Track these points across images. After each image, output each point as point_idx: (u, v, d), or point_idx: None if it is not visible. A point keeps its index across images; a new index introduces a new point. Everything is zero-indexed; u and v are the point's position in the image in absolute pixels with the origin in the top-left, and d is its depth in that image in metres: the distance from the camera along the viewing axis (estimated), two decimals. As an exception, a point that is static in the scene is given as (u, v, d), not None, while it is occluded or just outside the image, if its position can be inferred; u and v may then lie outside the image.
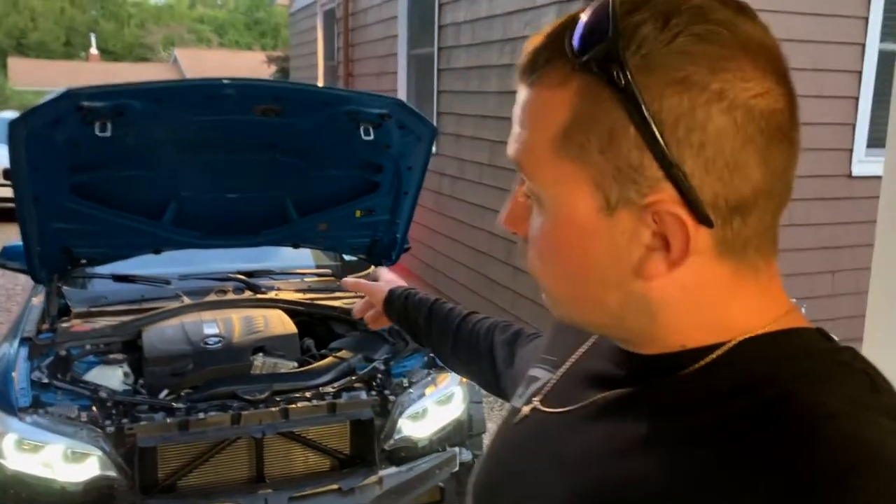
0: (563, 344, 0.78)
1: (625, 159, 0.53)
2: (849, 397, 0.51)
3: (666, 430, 0.57)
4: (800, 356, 0.56)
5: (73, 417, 2.45)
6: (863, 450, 0.47)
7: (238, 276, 3.58)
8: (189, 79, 3.30)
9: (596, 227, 0.56)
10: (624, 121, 0.52)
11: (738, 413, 0.53)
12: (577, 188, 0.55)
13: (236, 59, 31.80)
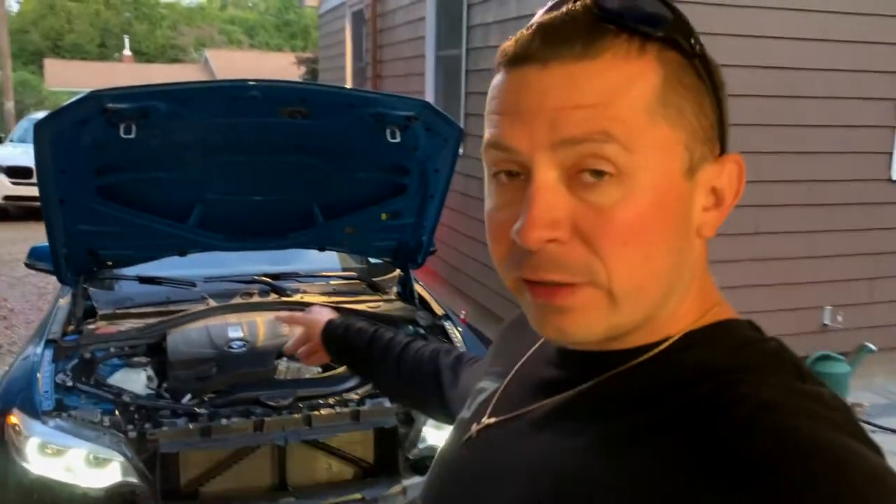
0: (508, 353, 0.79)
1: (707, 120, 0.58)
2: (781, 388, 0.54)
3: (609, 431, 0.58)
4: (733, 349, 0.59)
5: (96, 422, 2.43)
6: (799, 439, 0.49)
7: (263, 278, 3.56)
8: (214, 80, 3.28)
9: (681, 190, 0.58)
10: (702, 84, 0.58)
11: (676, 409, 0.55)
12: (672, 150, 0.57)
13: (266, 60, 32.04)
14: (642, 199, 0.56)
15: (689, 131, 0.57)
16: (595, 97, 0.55)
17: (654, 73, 0.56)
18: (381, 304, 3.53)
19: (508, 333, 0.85)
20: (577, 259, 0.56)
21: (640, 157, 0.56)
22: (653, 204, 0.56)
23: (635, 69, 0.56)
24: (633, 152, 0.55)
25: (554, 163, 0.56)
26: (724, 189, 0.60)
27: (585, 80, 0.56)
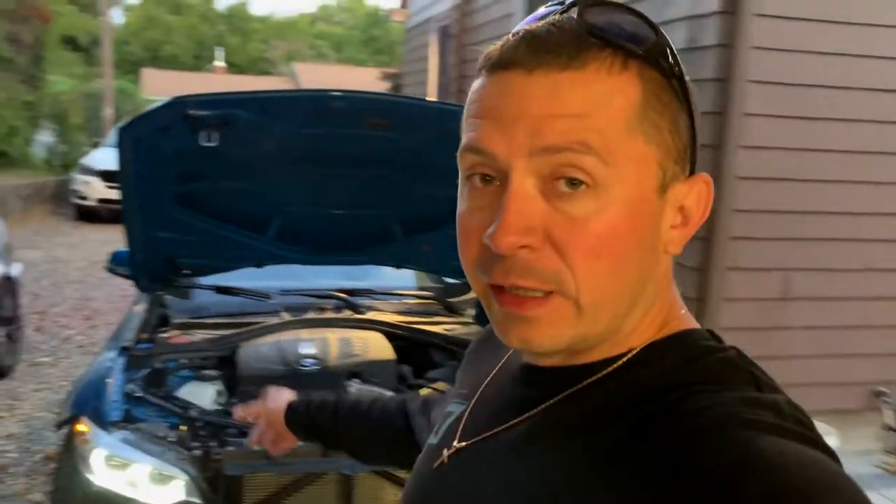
0: (473, 375, 0.79)
1: (682, 141, 0.59)
2: (735, 398, 0.54)
3: (574, 450, 0.58)
4: (689, 361, 0.59)
5: (162, 436, 2.36)
6: (748, 452, 0.49)
7: (338, 293, 3.47)
8: (297, 89, 3.26)
9: (653, 207, 0.58)
10: (679, 106, 0.59)
11: (634, 426, 0.55)
12: (646, 166, 0.58)
13: (352, 74, 32.62)
14: (615, 213, 0.57)
15: (663, 149, 0.58)
16: (577, 107, 0.56)
17: (635, 88, 0.58)
18: (456, 328, 3.38)
19: (473, 355, 0.86)
20: (547, 267, 0.57)
21: (616, 170, 0.56)
22: (625, 218, 0.57)
23: (617, 83, 0.57)
24: (609, 165, 0.56)
25: (531, 170, 0.57)
26: (692, 208, 0.61)
27: (569, 89, 0.56)
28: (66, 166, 13.69)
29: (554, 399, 0.62)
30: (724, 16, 3.67)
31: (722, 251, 3.85)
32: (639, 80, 0.58)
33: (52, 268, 8.57)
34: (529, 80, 0.57)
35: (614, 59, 0.58)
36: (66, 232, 11.15)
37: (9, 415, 4.48)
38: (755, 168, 3.84)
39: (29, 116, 13.69)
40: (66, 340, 5.97)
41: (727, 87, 3.69)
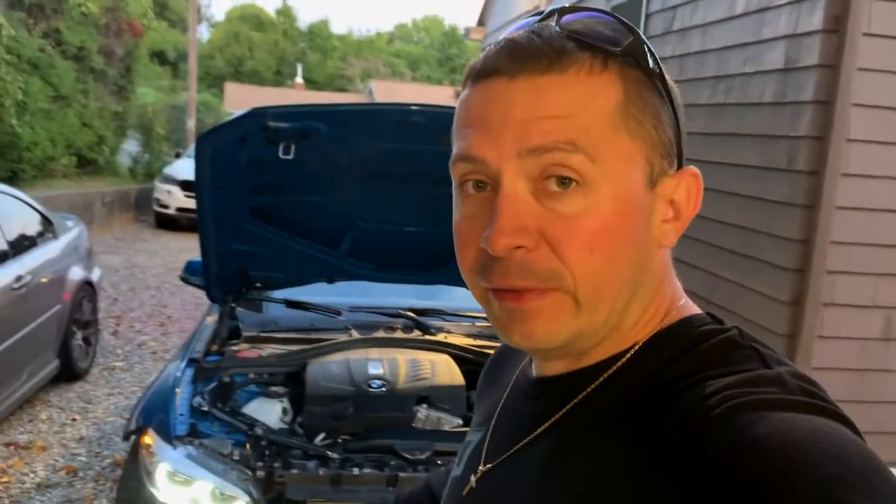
0: (487, 401, 0.80)
1: (666, 135, 0.61)
2: (737, 380, 0.54)
3: (593, 453, 0.59)
4: (689, 348, 0.60)
5: (226, 454, 2.30)
6: (752, 435, 0.49)
7: (408, 312, 3.38)
8: (377, 103, 3.21)
9: (643, 201, 0.60)
10: (661, 101, 0.61)
11: (644, 421, 0.56)
12: (634, 162, 0.59)
13: (427, 92, 32.94)
14: (606, 208, 0.58)
15: (649, 144, 0.60)
16: (561, 108, 0.58)
17: (616, 87, 0.59)
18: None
19: (484, 384, 0.86)
20: (544, 265, 0.58)
21: (604, 167, 0.58)
22: (616, 213, 0.58)
23: (598, 83, 0.59)
24: (597, 163, 0.57)
25: (521, 172, 0.58)
26: (682, 202, 0.62)
27: (552, 92, 0.58)
28: (149, 175, 14.16)
29: (564, 410, 0.63)
30: (827, 35, 3.45)
31: (817, 285, 3.59)
32: (619, 80, 0.59)
33: (130, 273, 8.80)
34: (512, 86, 0.59)
35: (594, 61, 0.59)
36: (146, 238, 11.48)
37: (81, 418, 4.55)
38: (856, 198, 3.58)
39: (117, 126, 14.22)
40: (140, 346, 6.08)
41: (829, 111, 3.46)
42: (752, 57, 4.06)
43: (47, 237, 4.98)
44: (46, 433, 4.30)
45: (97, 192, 11.48)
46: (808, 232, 3.58)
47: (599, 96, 0.58)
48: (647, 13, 5.57)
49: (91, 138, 12.72)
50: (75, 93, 12.11)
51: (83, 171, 12.62)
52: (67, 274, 4.99)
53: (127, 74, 14.71)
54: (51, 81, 11.31)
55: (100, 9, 12.52)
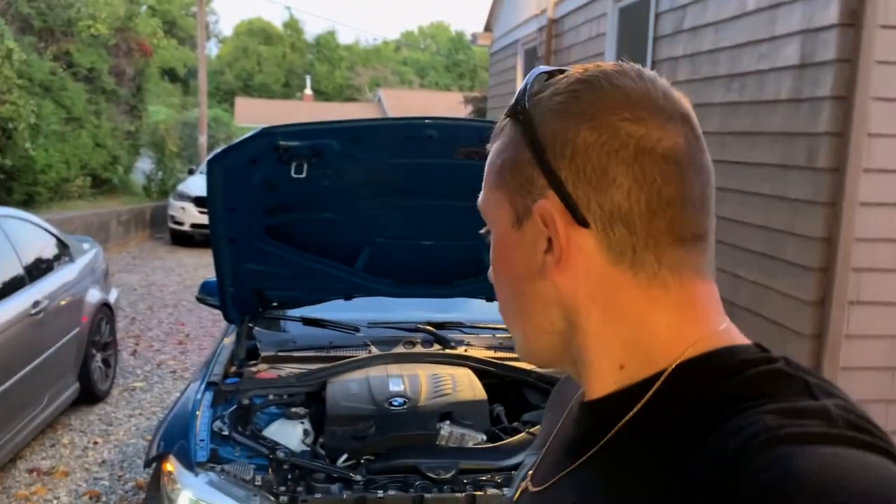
0: (547, 424, 0.82)
1: (523, 175, 0.64)
2: (778, 410, 0.52)
3: (623, 483, 0.59)
4: (730, 376, 0.58)
5: (248, 480, 2.26)
6: (789, 470, 0.48)
7: (427, 327, 3.34)
8: (389, 118, 3.16)
9: (513, 240, 0.66)
10: (522, 146, 0.64)
11: (679, 452, 0.55)
12: (501, 208, 0.66)
13: (435, 98, 32.96)
14: (493, 251, 0.69)
15: (509, 189, 0.65)
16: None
17: (501, 148, 0.67)
18: (552, 364, 3.19)
19: (548, 406, 0.89)
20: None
21: (487, 215, 0.69)
22: (496, 253, 0.68)
23: (494, 147, 0.69)
24: (484, 214, 0.70)
25: None
26: (552, 236, 0.63)
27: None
28: (163, 192, 14.24)
29: (603, 439, 0.63)
30: (844, 28, 3.39)
31: (842, 284, 3.52)
32: (503, 138, 0.67)
33: (147, 292, 8.83)
34: None
35: (499, 126, 0.69)
36: (162, 256, 11.53)
37: (103, 441, 4.54)
38: (880, 193, 3.51)
39: (130, 145, 14.32)
40: (160, 366, 6.08)
41: (848, 106, 3.39)
42: (766, 54, 4.00)
43: (63, 261, 4.99)
44: (68, 458, 4.29)
45: (112, 212, 11.54)
46: (831, 230, 3.51)
47: (493, 159, 0.68)
48: (657, 13, 5.51)
49: (105, 158, 12.81)
50: (87, 114, 12.20)
51: (98, 192, 12.70)
52: (85, 296, 4.99)
53: (138, 93, 14.82)
54: (63, 104, 11.40)
55: (109, 30, 12.62)
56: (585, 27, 7.30)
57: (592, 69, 0.64)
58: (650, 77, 0.64)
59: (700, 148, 0.63)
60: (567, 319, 0.64)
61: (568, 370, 0.69)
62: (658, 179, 0.60)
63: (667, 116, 0.61)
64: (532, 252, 0.64)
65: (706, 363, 0.60)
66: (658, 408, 0.60)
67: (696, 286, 0.63)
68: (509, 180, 0.65)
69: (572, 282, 0.63)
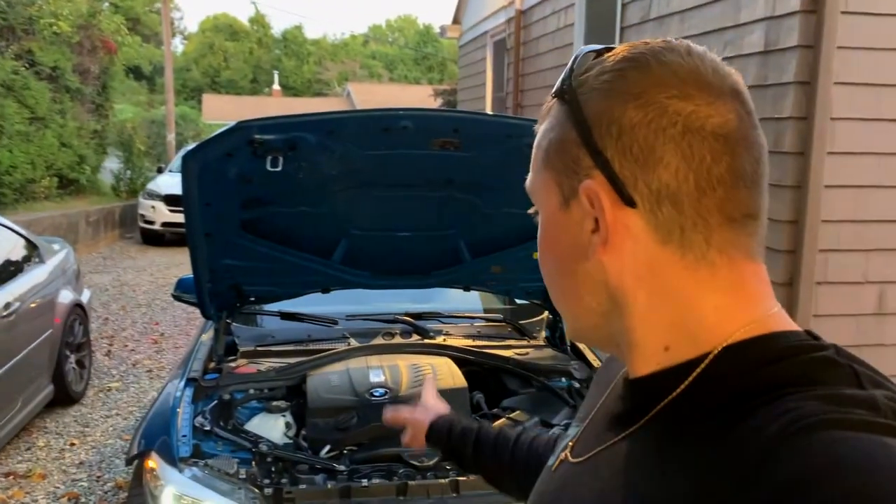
0: (591, 398, 0.83)
1: (570, 155, 0.64)
2: (825, 397, 0.52)
3: (662, 460, 0.60)
4: (777, 361, 0.57)
5: (232, 473, 2.27)
6: (833, 453, 0.48)
7: (405, 317, 3.36)
8: (364, 109, 3.17)
9: (560, 220, 0.66)
10: (568, 126, 0.64)
11: (721, 432, 0.55)
12: (548, 189, 0.66)
13: (405, 92, 32.86)
14: (540, 232, 0.69)
15: (557, 169, 0.65)
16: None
17: (548, 128, 0.67)
18: (529, 351, 3.23)
19: (594, 381, 0.89)
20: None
21: (535, 197, 0.69)
22: (543, 234, 0.68)
23: (540, 127, 0.69)
24: (532, 195, 0.70)
25: None
26: (598, 216, 0.63)
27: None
28: (132, 191, 14.04)
29: (646, 417, 0.64)
30: (806, 15, 3.46)
31: (809, 265, 3.61)
32: (549, 119, 0.68)
33: (120, 292, 8.73)
34: None
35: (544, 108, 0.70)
36: (134, 256, 11.39)
37: (80, 442, 4.50)
38: (844, 175, 3.60)
39: (96, 145, 14.09)
40: (135, 365, 6.02)
41: (811, 91, 3.47)
42: (732, 41, 4.07)
43: (34, 262, 4.93)
44: (45, 460, 4.25)
45: (81, 212, 11.37)
46: (798, 212, 3.60)
47: (541, 139, 0.68)
48: (624, 3, 5.57)
49: (71, 158, 12.60)
50: (52, 113, 11.98)
51: (65, 192, 12.50)
52: (57, 297, 4.93)
53: (104, 92, 14.58)
54: (26, 103, 11.18)
55: (72, 27, 12.40)
56: (553, 18, 7.34)
57: (640, 46, 0.63)
58: (699, 53, 0.62)
59: (752, 124, 0.62)
60: (613, 300, 0.64)
61: (612, 350, 0.69)
62: (707, 157, 0.59)
63: (717, 92, 0.60)
64: (579, 233, 0.64)
65: (754, 347, 0.59)
66: (702, 388, 0.60)
67: (744, 267, 0.62)
68: (556, 161, 0.65)
69: (619, 262, 0.62)
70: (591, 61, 0.65)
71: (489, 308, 3.89)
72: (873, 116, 3.60)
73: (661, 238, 0.60)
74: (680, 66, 0.61)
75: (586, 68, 0.64)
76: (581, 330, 0.70)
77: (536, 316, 3.56)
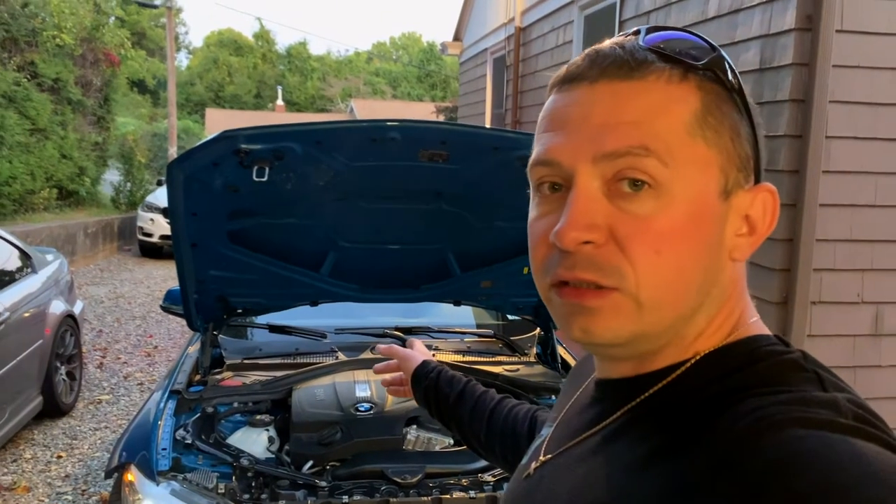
0: (562, 401, 0.83)
1: (745, 150, 0.62)
2: (791, 398, 0.54)
3: (635, 456, 0.60)
4: (747, 365, 0.59)
5: (211, 488, 2.23)
6: (796, 450, 0.49)
7: (395, 332, 3.32)
8: (352, 120, 3.16)
9: (716, 210, 0.61)
10: (740, 117, 0.62)
11: (691, 429, 0.56)
12: (708, 170, 0.60)
13: (407, 109, 32.99)
14: (677, 211, 0.59)
15: (724, 154, 0.61)
16: (637, 114, 0.60)
17: (695, 97, 0.61)
18: (519, 367, 3.20)
19: (565, 384, 0.89)
20: (609, 261, 0.59)
21: (677, 171, 0.59)
22: (687, 217, 0.59)
23: (676, 93, 0.61)
24: (669, 167, 0.59)
25: (595, 174, 0.60)
26: (757, 218, 0.63)
27: (629, 97, 0.60)
28: (132, 204, 14.04)
29: (617, 413, 0.64)
30: (801, 33, 3.45)
31: (804, 284, 3.57)
32: (698, 91, 0.61)
33: (115, 304, 8.69)
34: (593, 91, 0.62)
35: (673, 72, 0.61)
36: (131, 268, 11.36)
37: (67, 455, 4.45)
38: (840, 194, 3.57)
39: (97, 157, 14.11)
40: (127, 378, 5.98)
41: (807, 109, 3.45)
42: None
43: (26, 272, 4.90)
44: (31, 472, 4.20)
45: (79, 224, 11.35)
46: (793, 231, 3.57)
47: (676, 104, 0.60)
48: (621, 20, 5.58)
49: (71, 170, 12.61)
50: (53, 125, 12.01)
51: (65, 203, 12.50)
52: (48, 308, 4.90)
53: (105, 104, 14.62)
54: (27, 115, 11.21)
55: (75, 40, 12.45)
56: (552, 35, 7.36)
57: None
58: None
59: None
60: (716, 296, 0.63)
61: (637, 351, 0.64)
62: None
63: None
64: (727, 229, 0.62)
65: (727, 352, 0.62)
66: (675, 390, 0.62)
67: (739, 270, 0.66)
68: (729, 146, 0.62)
69: (735, 271, 0.64)
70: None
71: (481, 323, 3.85)
72: (869, 135, 3.58)
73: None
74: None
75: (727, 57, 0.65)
76: (661, 321, 0.61)
77: (528, 332, 3.53)
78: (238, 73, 45.44)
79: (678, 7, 4.68)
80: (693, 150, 0.60)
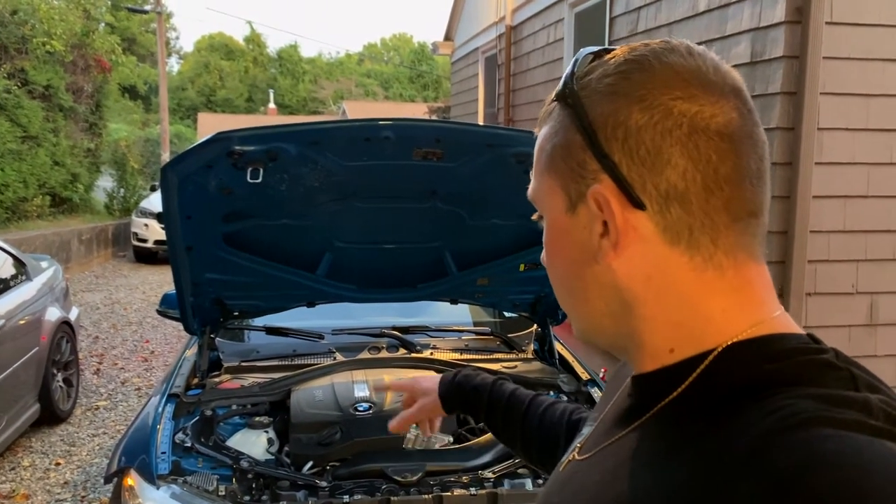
0: (604, 399, 0.84)
1: (575, 160, 0.64)
2: (819, 396, 0.53)
3: (667, 456, 0.59)
4: (776, 361, 0.58)
5: (211, 490, 2.22)
6: (822, 450, 0.48)
7: (392, 331, 3.33)
8: (345, 120, 3.18)
9: (566, 225, 0.66)
10: (572, 130, 0.64)
11: (716, 428, 0.56)
12: (554, 194, 0.67)
13: (400, 110, 32.99)
14: (546, 237, 0.70)
15: (561, 174, 0.65)
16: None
17: (551, 133, 0.67)
18: (517, 364, 3.20)
19: (610, 380, 0.90)
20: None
21: (539, 202, 0.70)
22: (550, 239, 0.69)
23: (542, 132, 0.69)
24: (535, 201, 0.71)
25: None
26: (608, 216, 0.63)
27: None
28: (125, 210, 14.01)
29: (647, 407, 0.65)
30: (791, 26, 3.47)
31: (799, 276, 3.59)
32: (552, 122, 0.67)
33: (111, 310, 8.67)
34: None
35: (546, 111, 0.70)
36: (126, 274, 11.34)
37: (65, 461, 4.44)
38: (833, 186, 3.59)
39: (90, 163, 14.08)
40: (124, 383, 5.97)
41: (798, 101, 3.47)
42: (719, 52, 4.03)
43: (20, 279, 4.88)
44: (29, 480, 4.19)
45: (73, 231, 11.32)
46: (787, 223, 3.58)
47: (542, 143, 0.68)
48: (611, 17, 5.59)
49: (64, 177, 12.58)
50: (45, 132, 11.97)
51: (58, 210, 12.47)
52: (44, 315, 4.89)
53: (97, 111, 14.58)
54: (19, 122, 11.17)
55: (65, 46, 12.41)
56: (543, 33, 7.37)
57: (640, 48, 0.63)
58: (699, 52, 0.63)
59: (754, 121, 0.62)
60: (621, 302, 0.64)
61: (618, 351, 0.70)
62: (713, 157, 0.59)
63: (719, 92, 0.61)
64: (587, 237, 0.64)
65: (755, 346, 0.60)
66: (704, 385, 0.61)
67: (749, 269, 0.63)
68: (561, 166, 0.65)
69: (628, 265, 0.63)
70: (590, 63, 0.65)
71: (478, 321, 3.86)
72: (861, 126, 3.59)
73: (670, 240, 0.61)
74: (682, 67, 0.61)
75: (587, 70, 0.65)
76: (589, 331, 0.70)
77: (525, 329, 3.53)
78: (229, 77, 45.37)
79: (668, 3, 4.69)
80: (543, 182, 0.68)
